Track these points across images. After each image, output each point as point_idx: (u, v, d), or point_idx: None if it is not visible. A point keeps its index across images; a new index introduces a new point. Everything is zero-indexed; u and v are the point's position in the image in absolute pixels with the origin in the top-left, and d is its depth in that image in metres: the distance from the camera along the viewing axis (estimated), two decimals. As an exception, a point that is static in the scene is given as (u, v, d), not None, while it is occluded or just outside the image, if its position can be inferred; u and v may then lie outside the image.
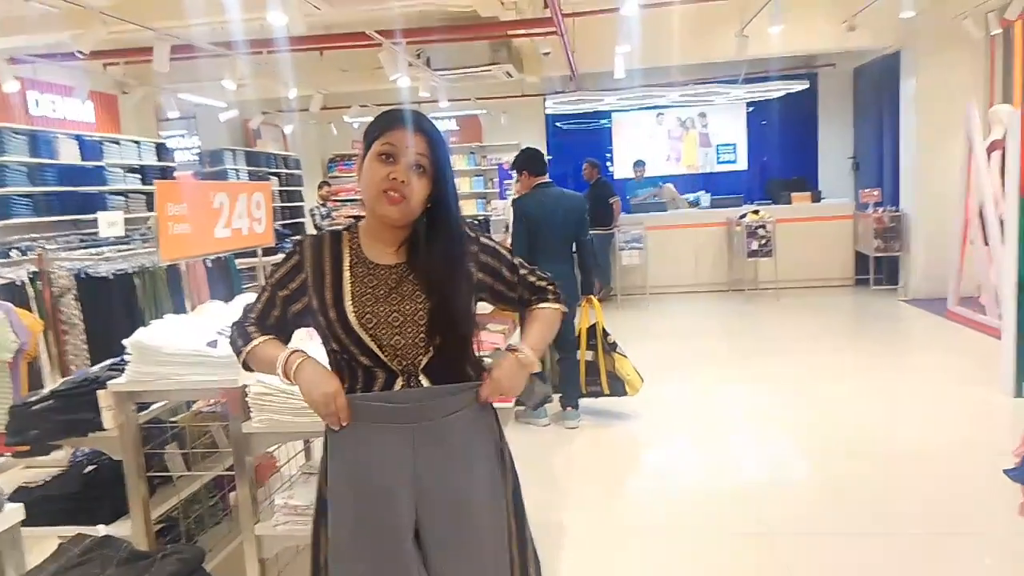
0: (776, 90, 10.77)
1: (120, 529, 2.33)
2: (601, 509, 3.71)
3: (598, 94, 10.87)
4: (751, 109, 12.30)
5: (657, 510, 3.63)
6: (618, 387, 4.91)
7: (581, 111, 12.20)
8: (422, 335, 1.55)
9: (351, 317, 1.54)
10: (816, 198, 10.10)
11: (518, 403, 4.96)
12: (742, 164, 12.52)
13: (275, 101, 10.22)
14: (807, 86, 10.69)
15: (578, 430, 4.81)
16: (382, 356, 1.55)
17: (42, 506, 2.34)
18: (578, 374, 4.91)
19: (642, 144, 12.73)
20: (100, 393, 2.35)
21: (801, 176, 11.23)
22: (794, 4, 7.23)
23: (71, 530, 2.44)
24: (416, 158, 1.54)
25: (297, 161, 12.72)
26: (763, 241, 8.98)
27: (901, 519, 3.36)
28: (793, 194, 10.03)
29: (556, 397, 5.02)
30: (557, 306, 1.78)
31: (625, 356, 4.96)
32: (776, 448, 4.34)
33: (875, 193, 9.08)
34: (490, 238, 1.74)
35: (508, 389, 1.62)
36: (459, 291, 1.59)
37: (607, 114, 12.61)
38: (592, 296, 4.92)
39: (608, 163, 12.73)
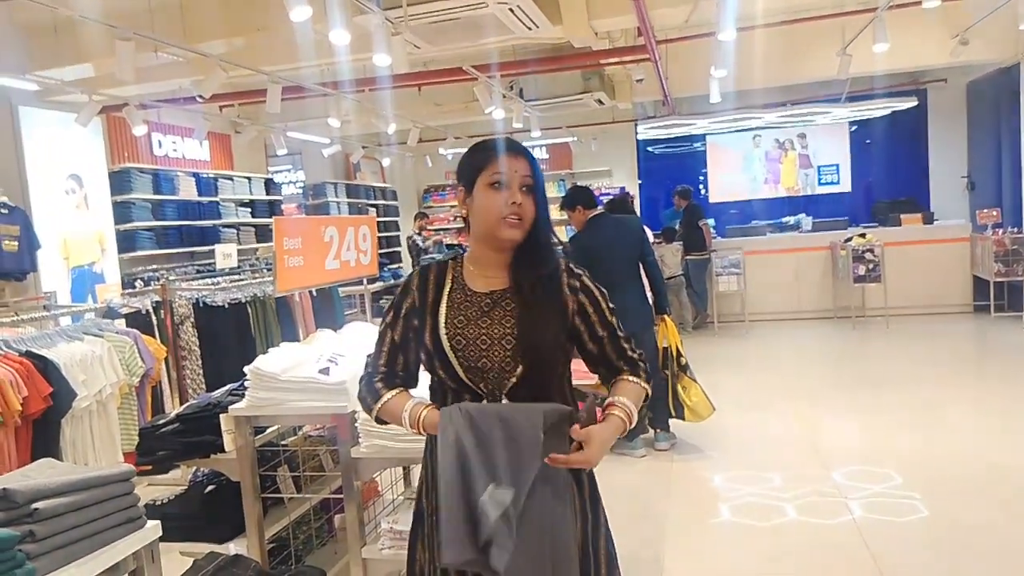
0: (882, 108, 10.33)
1: (236, 547, 2.46)
2: (700, 546, 3.60)
3: (691, 118, 10.75)
4: (854, 128, 11.83)
5: (758, 549, 3.49)
6: (679, 411, 4.84)
7: (674, 135, 12.08)
8: (508, 359, 1.58)
9: (442, 337, 1.61)
10: (928, 219, 9.57)
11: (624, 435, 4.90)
12: (845, 186, 12.03)
13: (374, 136, 10.65)
14: (916, 103, 10.20)
15: (676, 463, 4.70)
16: (466, 379, 1.60)
17: (166, 523, 2.50)
18: (665, 396, 4.85)
19: (737, 167, 12.46)
20: (222, 417, 2.49)
21: (911, 197, 10.69)
22: (900, 19, 6.94)
23: (191, 546, 2.60)
24: (522, 179, 1.62)
25: (394, 192, 13.17)
26: (871, 265, 8.56)
27: (1036, 568, 3.09)
28: (902, 216, 9.55)
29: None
30: (646, 386, 1.69)
31: (696, 381, 4.87)
32: (889, 486, 4.10)
33: (994, 213, 8.52)
34: (596, 283, 1.72)
35: (595, 450, 1.50)
36: (548, 316, 1.61)
37: (700, 137, 12.44)
38: (665, 316, 4.88)
39: (701, 187, 12.52)
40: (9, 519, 1.24)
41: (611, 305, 1.73)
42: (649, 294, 4.90)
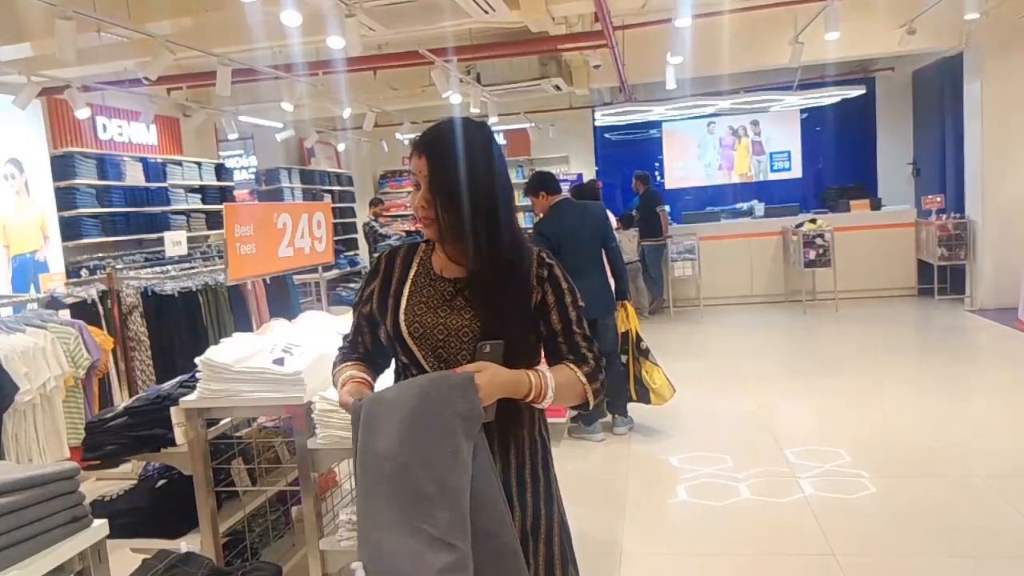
0: (832, 96, 10.54)
1: (189, 542, 2.40)
2: (657, 528, 3.65)
3: (647, 105, 10.81)
4: (805, 116, 12.06)
5: (714, 530, 3.56)
6: (644, 395, 4.90)
7: (630, 122, 12.15)
8: (465, 352, 1.55)
9: (402, 326, 1.59)
10: (876, 205, 9.83)
11: (573, 419, 4.94)
12: (797, 172, 12.28)
13: (329, 120, 10.46)
14: (864, 91, 10.43)
15: (632, 446, 4.76)
16: (427, 367, 1.58)
17: (115, 519, 2.42)
18: (625, 380, 4.91)
19: (692, 154, 12.61)
20: (173, 410, 2.43)
21: (859, 183, 10.95)
22: (850, 9, 7.08)
23: (142, 542, 2.53)
24: (424, 179, 1.57)
25: (350, 178, 12.97)
26: (821, 251, 8.77)
27: (974, 542, 3.22)
28: (851, 202, 9.79)
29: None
30: (584, 379, 1.59)
31: (657, 365, 4.95)
32: (838, 466, 4.22)
33: (938, 200, 8.79)
34: (567, 277, 1.66)
35: (483, 378, 1.45)
36: (508, 313, 1.56)
37: (657, 124, 12.54)
38: (626, 302, 4.94)
39: (658, 173, 12.64)
40: (-59, 522, 1.18)
41: (579, 302, 1.66)
42: (611, 280, 4.94)
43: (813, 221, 9.02)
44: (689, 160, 12.68)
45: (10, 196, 6.47)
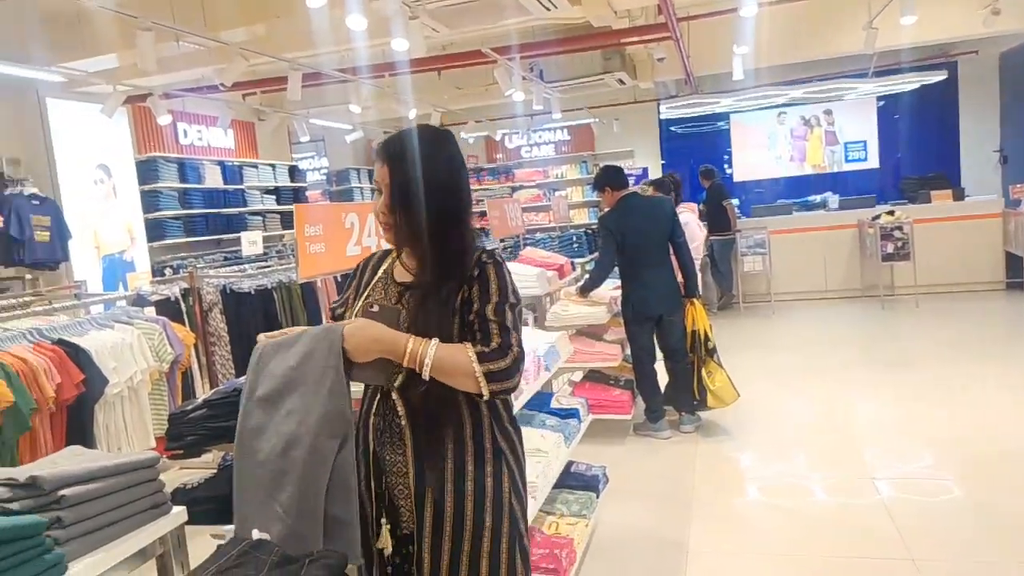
0: (910, 82, 10.09)
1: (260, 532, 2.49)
2: (726, 527, 3.59)
3: (714, 96, 10.59)
4: (882, 103, 11.58)
5: (785, 530, 3.47)
6: (702, 396, 4.80)
7: (697, 114, 11.92)
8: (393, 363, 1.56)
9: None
10: (959, 196, 9.36)
11: (648, 417, 4.87)
12: (873, 162, 11.81)
13: (396, 121, 10.65)
14: (945, 75, 9.94)
15: (702, 444, 4.68)
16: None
17: (195, 506, 2.54)
18: (691, 379, 4.82)
19: (762, 145, 12.28)
20: (246, 403, 2.52)
21: (940, 173, 10.45)
22: (929, -10, 6.77)
23: (220, 529, 2.64)
24: (384, 186, 1.63)
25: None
26: (899, 243, 8.41)
27: (1069, 549, 3.04)
28: (932, 192, 9.35)
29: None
30: (475, 360, 1.50)
31: (721, 367, 4.83)
32: (920, 468, 4.05)
33: (1028, 188, 8.31)
34: (499, 264, 1.63)
35: (351, 327, 1.51)
36: (433, 324, 1.55)
37: (724, 116, 12.26)
38: (694, 299, 4.83)
39: (726, 166, 12.36)
40: (37, 506, 1.27)
41: (509, 297, 1.60)
42: (679, 276, 4.86)
43: (891, 213, 8.65)
44: (759, 152, 12.35)
45: (100, 200, 6.84)
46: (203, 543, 2.39)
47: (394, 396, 1.61)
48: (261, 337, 1.59)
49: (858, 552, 3.19)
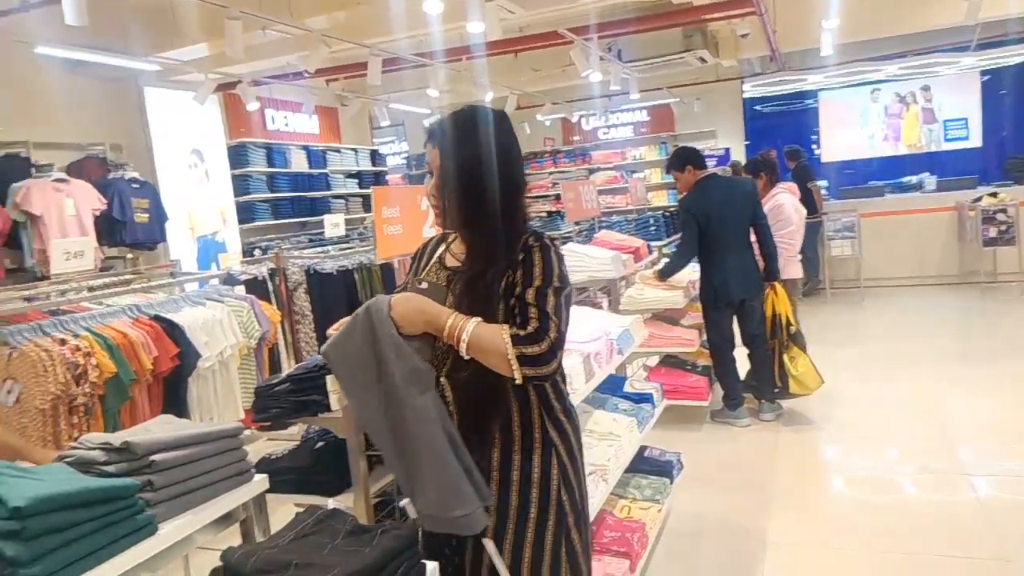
0: (1017, 55, 9.38)
1: (344, 502, 2.58)
2: (807, 519, 3.48)
3: (801, 73, 10.16)
4: (987, 78, 10.82)
5: (871, 526, 3.33)
6: (784, 382, 4.63)
7: (783, 92, 11.47)
8: (443, 342, 1.56)
9: None
10: (1070, 176, 8.69)
11: (726, 404, 4.75)
12: (975, 141, 11.07)
13: (475, 103, 10.69)
14: (1060, 46, 9.20)
15: (783, 434, 4.54)
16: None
17: (278, 476, 2.65)
18: (772, 366, 4.68)
19: (853, 124, 11.71)
20: (328, 378, 2.60)
21: (1051, 152, 9.72)
22: (1044, -47, 6.26)
23: (301, 498, 2.75)
24: (435, 168, 1.63)
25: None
26: (1003, 227, 7.88)
27: None
28: (1041, 173, 8.71)
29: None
30: (509, 343, 1.47)
31: (805, 352, 4.64)
32: (1020, 464, 3.81)
33: None
34: (547, 247, 1.58)
35: (399, 298, 1.53)
36: (477, 312, 1.53)
37: (813, 93, 11.74)
38: (776, 283, 4.66)
39: (814, 146, 11.86)
40: (131, 469, 1.35)
41: (553, 280, 1.55)
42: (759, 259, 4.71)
43: (994, 195, 8.11)
44: (849, 131, 11.78)
45: (194, 184, 7.18)
46: (286, 512, 2.50)
47: (443, 381, 1.60)
48: (325, 348, 1.63)
49: (949, 551, 3.03)
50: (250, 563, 1.25)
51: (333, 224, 5.93)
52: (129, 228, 6.00)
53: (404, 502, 1.57)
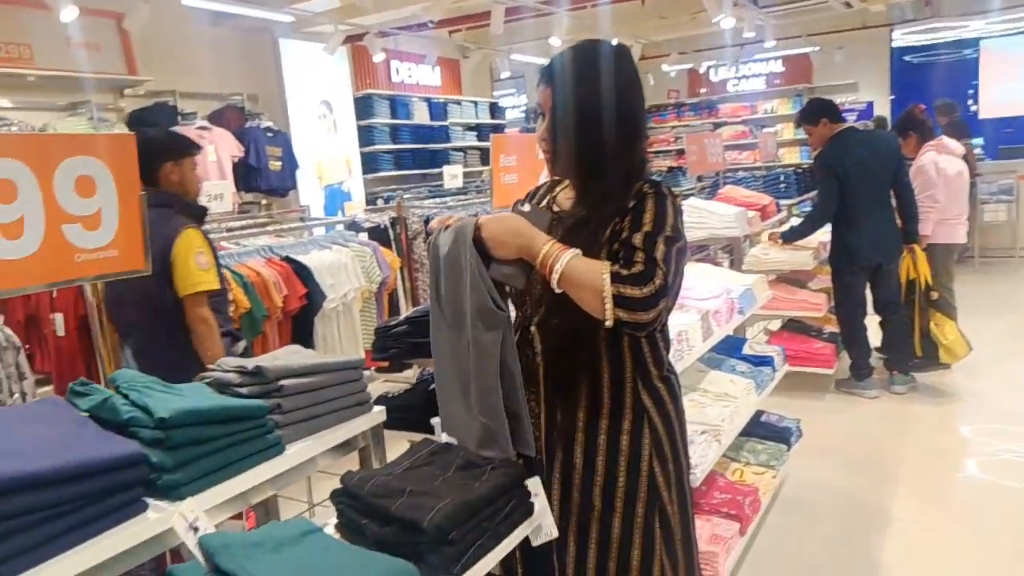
0: None
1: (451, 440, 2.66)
2: (936, 500, 3.25)
3: (960, 19, 9.21)
4: None
5: (1009, 511, 3.08)
6: (931, 351, 4.28)
7: (938, 41, 10.45)
8: (539, 289, 1.50)
9: None
10: None
11: (854, 374, 4.50)
12: None
13: (597, 55, 10.44)
14: None
15: (915, 407, 4.25)
16: (513, 299, 1.58)
17: (393, 413, 2.76)
18: (908, 335, 4.37)
19: (1019, 77, 10.53)
20: (442, 322, 2.67)
21: None
22: None
23: (413, 435, 2.86)
24: (547, 111, 1.52)
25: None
26: None
27: None
28: None
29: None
30: (607, 279, 1.33)
31: (951, 318, 4.26)
32: None
33: None
34: (662, 205, 1.43)
35: (490, 218, 1.44)
36: (583, 249, 1.42)
37: (973, 42, 10.62)
38: (915, 245, 4.31)
39: (971, 101, 10.79)
40: (262, 392, 1.43)
41: (665, 229, 1.41)
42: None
43: None
44: (1014, 84, 10.62)
45: (322, 134, 7.46)
46: (399, 449, 2.60)
47: (532, 330, 1.55)
48: (434, 223, 1.58)
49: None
50: (367, 487, 1.29)
51: (451, 175, 6.01)
52: (264, 175, 6.34)
53: (444, 435, 1.55)
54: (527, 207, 1.50)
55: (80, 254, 1.43)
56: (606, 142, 1.47)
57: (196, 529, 1.10)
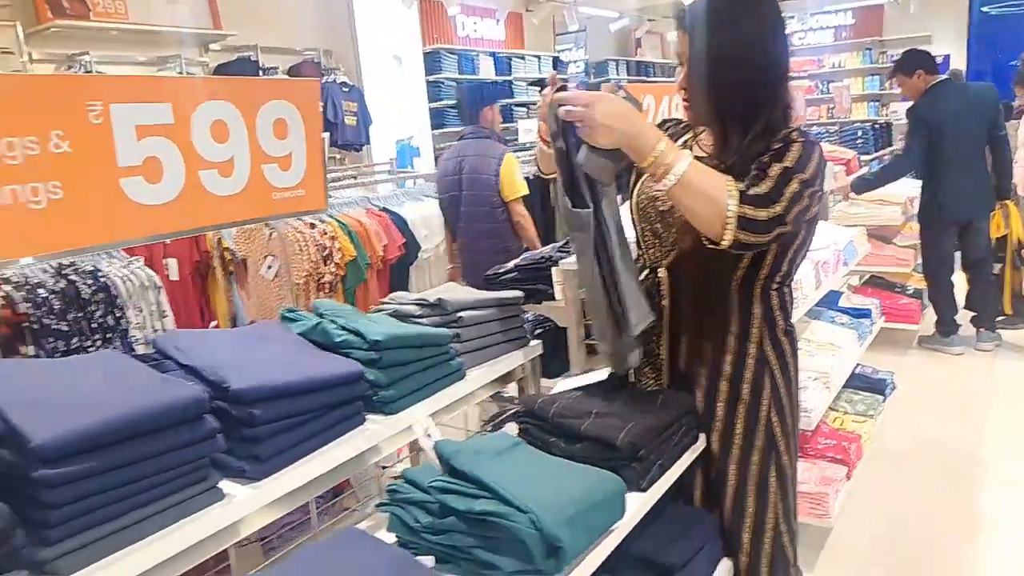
0: None
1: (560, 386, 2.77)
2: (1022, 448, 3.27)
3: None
4: None
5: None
6: (1021, 308, 4.21)
7: (1022, -10, 9.97)
8: (674, 231, 1.48)
9: (633, 196, 1.58)
10: None
11: (939, 331, 4.46)
12: None
13: (665, 6, 10.24)
14: None
15: (1001, 363, 4.23)
16: (642, 240, 1.56)
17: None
18: (996, 292, 4.32)
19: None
20: (554, 270, 2.75)
21: None
22: None
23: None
24: (684, 59, 1.46)
25: (674, 69, 12.70)
26: None
27: None
28: None
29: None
30: (732, 192, 1.27)
31: None
32: None
33: None
34: (809, 149, 1.37)
35: (595, 98, 1.29)
36: None
37: (1062, -9, 10.11)
38: (1007, 201, 4.23)
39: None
40: (442, 322, 1.54)
41: (806, 166, 1.35)
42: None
43: None
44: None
45: (392, 88, 7.52)
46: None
47: (661, 273, 1.53)
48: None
49: None
50: (553, 408, 1.40)
51: (526, 129, 6.02)
52: (340, 129, 6.44)
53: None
54: (622, 91, 1.37)
55: (276, 192, 1.54)
56: (747, 90, 1.40)
57: (429, 436, 1.22)
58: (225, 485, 1.09)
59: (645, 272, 1.59)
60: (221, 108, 1.40)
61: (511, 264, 3.05)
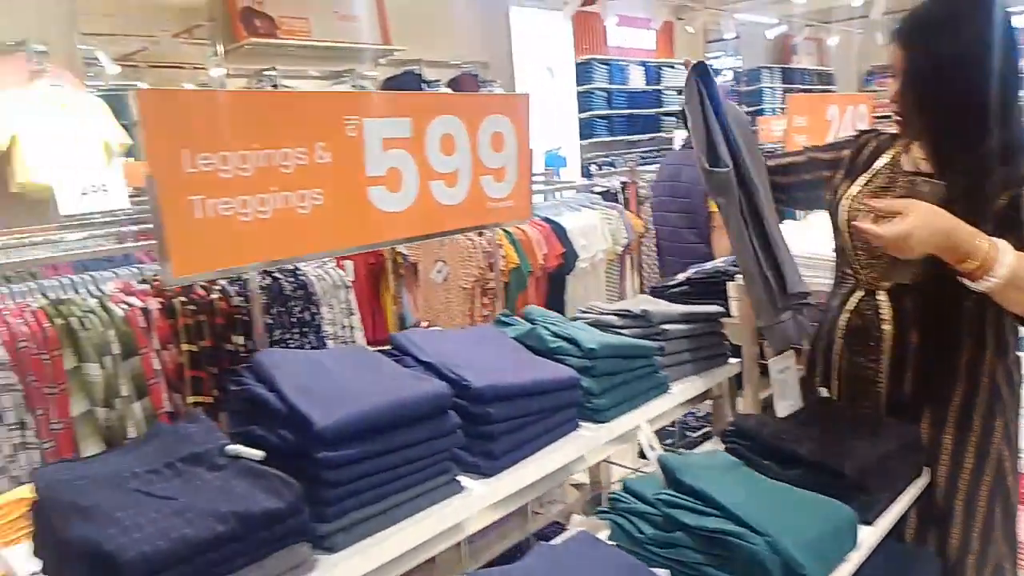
0: None
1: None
2: None
3: None
4: None
5: None
6: None
7: None
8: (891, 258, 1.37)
9: (841, 211, 1.49)
10: None
11: None
12: None
13: (824, 12, 9.78)
14: None
15: None
16: (854, 258, 1.48)
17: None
18: None
19: None
20: (729, 285, 2.68)
21: None
22: None
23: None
24: (898, 73, 1.39)
25: (830, 76, 12.07)
26: None
27: None
28: None
29: None
30: None
31: None
32: None
33: None
34: None
35: (913, 221, 1.19)
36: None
37: None
38: None
39: None
40: (644, 334, 1.55)
41: None
42: None
43: None
44: None
45: (544, 100, 7.64)
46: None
47: (880, 297, 1.45)
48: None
49: None
50: (765, 431, 1.37)
51: (681, 138, 5.94)
52: (494, 139, 6.64)
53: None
54: (927, 187, 1.28)
55: (490, 203, 1.61)
56: (980, 110, 1.30)
57: (653, 448, 1.23)
58: (461, 479, 1.14)
59: (859, 295, 1.51)
60: (450, 123, 1.49)
61: (681, 277, 3.01)
